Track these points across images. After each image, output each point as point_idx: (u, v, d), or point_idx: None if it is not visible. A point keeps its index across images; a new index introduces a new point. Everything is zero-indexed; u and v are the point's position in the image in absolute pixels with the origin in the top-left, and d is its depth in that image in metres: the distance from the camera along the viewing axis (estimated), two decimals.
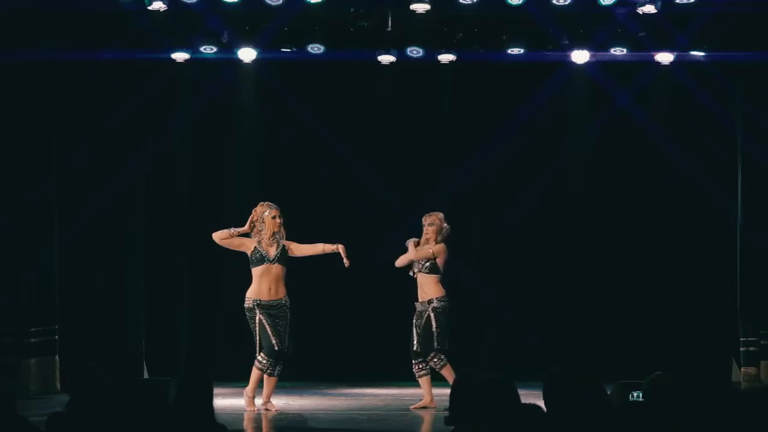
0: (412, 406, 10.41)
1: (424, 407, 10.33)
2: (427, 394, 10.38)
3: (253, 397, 10.26)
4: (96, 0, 11.12)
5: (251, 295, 10.20)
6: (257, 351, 10.16)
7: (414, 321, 10.43)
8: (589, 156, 12.62)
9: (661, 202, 12.46)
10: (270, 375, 10.20)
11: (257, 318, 10.14)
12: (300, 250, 10.36)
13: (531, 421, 4.99)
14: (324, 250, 10.31)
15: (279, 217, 10.28)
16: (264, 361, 10.14)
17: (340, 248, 10.20)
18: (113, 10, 11.11)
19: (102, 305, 11.96)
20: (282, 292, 10.23)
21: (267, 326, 10.11)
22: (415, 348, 10.39)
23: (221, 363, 12.13)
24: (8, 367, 11.36)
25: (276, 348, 10.10)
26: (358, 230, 11.71)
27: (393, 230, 11.53)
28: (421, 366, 10.39)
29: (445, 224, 10.52)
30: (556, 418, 5.07)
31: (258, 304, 10.14)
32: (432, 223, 10.49)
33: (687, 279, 12.32)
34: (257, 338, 10.14)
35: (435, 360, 10.32)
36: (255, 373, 10.21)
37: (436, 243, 10.43)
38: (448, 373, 10.20)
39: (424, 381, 10.39)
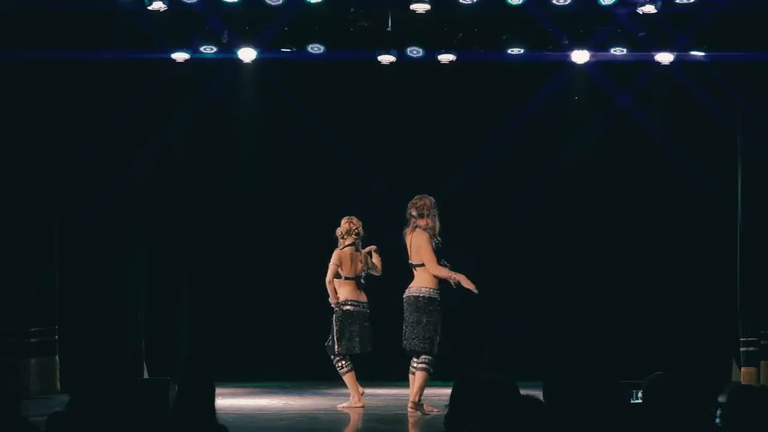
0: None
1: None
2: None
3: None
4: (96, 0, 11.12)
5: None
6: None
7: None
8: (589, 156, 12.62)
9: (660, 202, 12.46)
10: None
11: None
12: None
13: (531, 414, 4.97)
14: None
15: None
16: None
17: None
18: (113, 10, 11.11)
19: (102, 305, 11.96)
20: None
21: None
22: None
23: (222, 363, 12.15)
24: (8, 367, 11.35)
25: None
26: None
27: (392, 230, 11.51)
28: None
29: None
30: (557, 417, 5.06)
31: None
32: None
33: (687, 279, 12.32)
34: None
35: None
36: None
37: None
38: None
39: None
